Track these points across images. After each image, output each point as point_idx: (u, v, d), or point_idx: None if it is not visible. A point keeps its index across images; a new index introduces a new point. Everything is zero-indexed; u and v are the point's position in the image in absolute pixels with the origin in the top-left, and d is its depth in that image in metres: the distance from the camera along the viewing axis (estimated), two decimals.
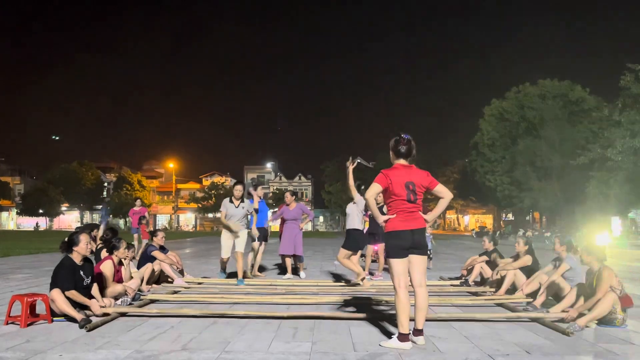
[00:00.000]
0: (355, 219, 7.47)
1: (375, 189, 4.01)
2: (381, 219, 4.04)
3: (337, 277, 8.65)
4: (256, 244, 8.73)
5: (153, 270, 7.05)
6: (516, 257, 6.66)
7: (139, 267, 7.02)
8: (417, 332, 3.96)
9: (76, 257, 4.85)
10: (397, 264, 3.97)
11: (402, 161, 4.08)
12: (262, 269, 9.41)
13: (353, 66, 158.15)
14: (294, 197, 8.92)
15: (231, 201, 7.51)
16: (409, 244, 3.95)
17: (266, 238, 8.95)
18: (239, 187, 7.57)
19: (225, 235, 7.59)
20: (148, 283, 6.79)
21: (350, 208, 7.57)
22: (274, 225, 10.69)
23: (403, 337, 3.85)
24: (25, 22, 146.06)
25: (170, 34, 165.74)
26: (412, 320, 3.95)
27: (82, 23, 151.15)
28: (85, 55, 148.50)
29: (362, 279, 7.25)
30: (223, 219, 7.52)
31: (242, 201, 7.54)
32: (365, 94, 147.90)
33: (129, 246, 6.29)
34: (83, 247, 4.85)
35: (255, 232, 8.23)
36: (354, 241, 7.35)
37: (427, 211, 4.59)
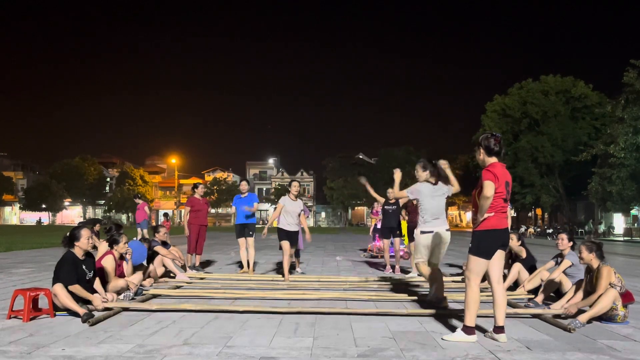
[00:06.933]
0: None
1: (492, 188, 3.80)
2: (483, 217, 3.88)
3: (339, 273, 8.66)
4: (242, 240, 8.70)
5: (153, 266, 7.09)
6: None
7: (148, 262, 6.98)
8: (499, 329, 3.93)
9: (78, 252, 4.86)
10: (481, 263, 3.93)
11: (495, 159, 4.00)
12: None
13: (355, 61, 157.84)
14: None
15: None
16: (501, 243, 3.94)
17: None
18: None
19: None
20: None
21: (294, 204, 7.72)
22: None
23: (469, 330, 3.88)
24: (32, 19, 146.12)
25: (174, 32, 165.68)
26: (479, 317, 4.07)
27: (85, 21, 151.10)
28: (88, 52, 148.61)
29: None
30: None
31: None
32: (367, 90, 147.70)
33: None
34: (84, 242, 4.86)
35: None
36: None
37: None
